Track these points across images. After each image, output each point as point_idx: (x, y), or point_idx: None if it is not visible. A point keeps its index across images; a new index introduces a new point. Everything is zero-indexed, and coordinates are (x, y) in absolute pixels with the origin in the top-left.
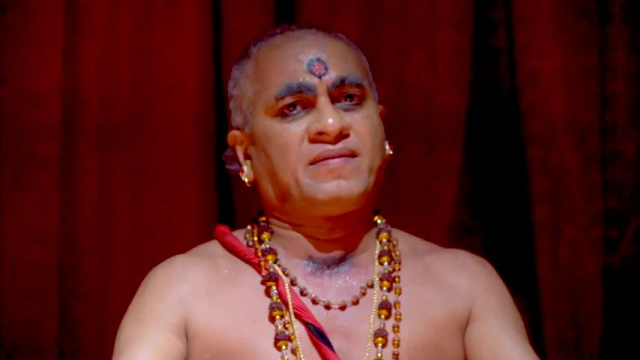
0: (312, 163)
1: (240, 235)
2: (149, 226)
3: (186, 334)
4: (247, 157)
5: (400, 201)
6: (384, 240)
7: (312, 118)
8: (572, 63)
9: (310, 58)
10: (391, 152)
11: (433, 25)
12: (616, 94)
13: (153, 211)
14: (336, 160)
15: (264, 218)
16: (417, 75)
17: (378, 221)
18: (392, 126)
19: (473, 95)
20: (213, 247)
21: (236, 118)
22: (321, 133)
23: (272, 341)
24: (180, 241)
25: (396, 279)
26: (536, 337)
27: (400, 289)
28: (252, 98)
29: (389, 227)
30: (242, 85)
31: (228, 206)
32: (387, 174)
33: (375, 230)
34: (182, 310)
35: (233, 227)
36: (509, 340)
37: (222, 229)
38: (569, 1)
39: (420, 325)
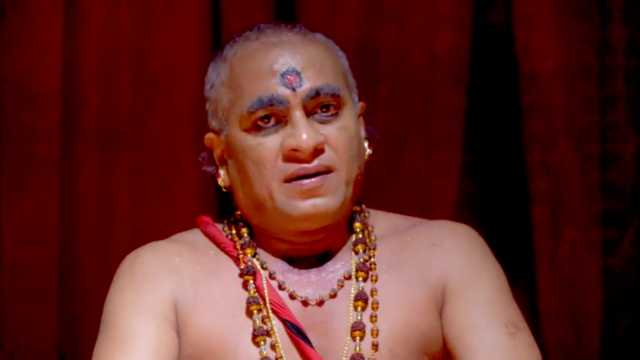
0: (287, 180)
1: (221, 227)
2: (149, 227)
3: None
4: (223, 161)
5: (399, 201)
6: (358, 229)
7: (287, 133)
8: (572, 64)
9: (284, 69)
10: (370, 151)
11: (433, 26)
12: (616, 95)
13: (152, 212)
14: (312, 179)
15: (239, 212)
16: (416, 75)
17: (356, 209)
18: (392, 126)
19: (472, 96)
20: (194, 235)
21: (212, 122)
22: (295, 150)
23: (251, 337)
24: None
25: (372, 266)
26: (536, 338)
27: (376, 277)
28: (227, 106)
29: (365, 213)
30: (217, 89)
31: (228, 207)
32: (387, 174)
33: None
34: (172, 301)
35: None
36: (479, 321)
37: (205, 219)
38: (569, 3)
39: (398, 312)
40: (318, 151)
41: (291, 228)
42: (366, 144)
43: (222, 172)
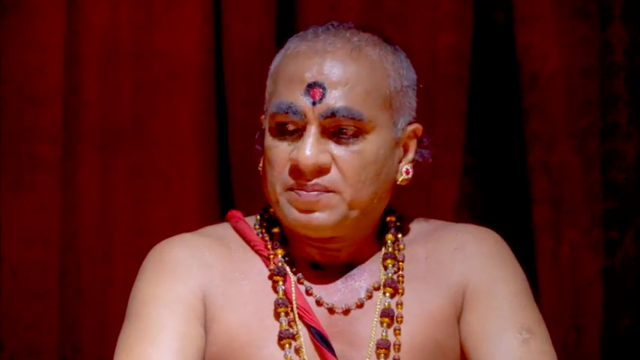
0: (289, 188)
1: (251, 223)
2: (149, 227)
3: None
4: None
5: (400, 202)
6: (389, 242)
7: (297, 144)
8: (572, 64)
9: (312, 81)
10: (407, 176)
11: (434, 26)
12: (616, 95)
13: (153, 212)
14: (309, 193)
15: (273, 210)
16: (417, 75)
17: (388, 220)
18: None
19: (473, 96)
20: (224, 230)
21: (265, 106)
22: (297, 165)
23: (277, 339)
24: None
25: (400, 279)
26: None
27: (403, 289)
28: (268, 98)
29: (398, 222)
30: (269, 78)
31: (229, 207)
32: None
33: (384, 231)
34: (201, 295)
35: None
36: (494, 330)
37: (236, 214)
38: (570, 3)
39: (420, 324)
40: (321, 171)
41: (296, 230)
42: (405, 167)
43: (263, 158)
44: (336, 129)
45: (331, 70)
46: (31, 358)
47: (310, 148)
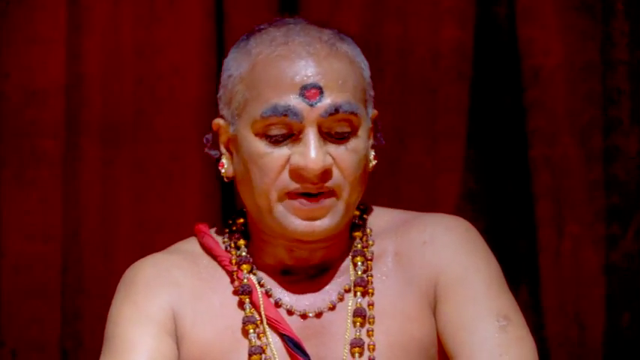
0: (288, 194)
1: (219, 237)
2: (152, 223)
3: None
4: (228, 150)
5: (402, 197)
6: (357, 238)
7: (297, 149)
8: (575, 59)
9: (305, 83)
10: (375, 162)
11: (436, 21)
12: (619, 90)
13: (155, 208)
14: (313, 203)
15: (242, 220)
16: (419, 71)
17: (355, 214)
18: (395, 121)
19: (475, 91)
20: (192, 246)
21: (223, 110)
22: (302, 169)
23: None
24: (182, 238)
25: (369, 278)
26: (538, 334)
27: (373, 289)
28: (242, 103)
29: (364, 215)
30: (234, 82)
31: (231, 204)
32: (390, 170)
33: (353, 227)
34: (171, 313)
35: None
36: (469, 318)
37: (202, 228)
38: None
39: (393, 322)
40: (325, 173)
41: (287, 236)
42: (372, 154)
43: (225, 161)
44: (331, 129)
45: (321, 71)
46: (33, 353)
47: (315, 152)
